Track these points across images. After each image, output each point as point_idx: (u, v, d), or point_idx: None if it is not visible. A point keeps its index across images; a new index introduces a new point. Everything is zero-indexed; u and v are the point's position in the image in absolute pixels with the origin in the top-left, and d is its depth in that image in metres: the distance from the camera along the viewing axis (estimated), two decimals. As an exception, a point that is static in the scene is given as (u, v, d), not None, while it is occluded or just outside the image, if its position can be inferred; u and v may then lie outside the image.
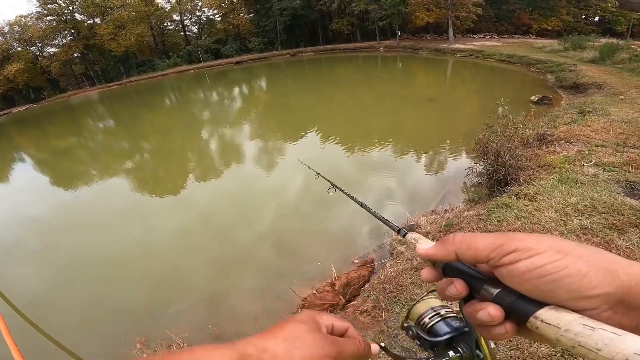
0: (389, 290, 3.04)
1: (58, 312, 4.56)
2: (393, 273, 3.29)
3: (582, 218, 3.20)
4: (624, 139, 5.17)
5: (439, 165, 7.27)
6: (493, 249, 0.33)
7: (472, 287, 0.37)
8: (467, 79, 18.34)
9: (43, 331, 4.13)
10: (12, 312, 4.51)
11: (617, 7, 32.96)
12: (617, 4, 32.95)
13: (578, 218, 3.20)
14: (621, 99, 8.28)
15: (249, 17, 43.22)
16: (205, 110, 18.80)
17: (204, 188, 8.05)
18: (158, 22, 43.77)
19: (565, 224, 3.19)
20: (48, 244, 6.50)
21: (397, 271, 3.29)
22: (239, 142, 11.52)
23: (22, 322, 4.31)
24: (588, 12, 35.04)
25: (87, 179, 10.36)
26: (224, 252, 5.16)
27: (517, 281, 0.32)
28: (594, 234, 2.98)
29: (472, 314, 0.35)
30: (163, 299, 4.35)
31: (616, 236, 2.89)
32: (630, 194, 3.59)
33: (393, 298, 2.93)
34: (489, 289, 0.35)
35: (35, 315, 4.41)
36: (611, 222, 3.06)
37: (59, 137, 18.38)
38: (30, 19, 39.36)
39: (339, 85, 19.29)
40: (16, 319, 4.34)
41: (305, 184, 7.10)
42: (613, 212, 3.20)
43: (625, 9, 32.44)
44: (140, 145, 13.71)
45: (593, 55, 15.20)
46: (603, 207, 3.28)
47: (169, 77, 37.24)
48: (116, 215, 7.15)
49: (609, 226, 3.02)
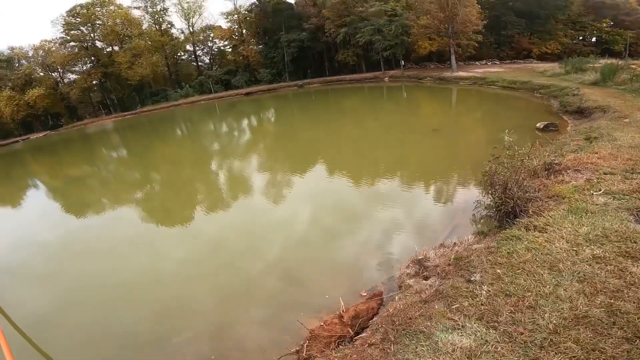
0: (398, 323, 3.00)
1: (60, 334, 4.60)
2: (402, 306, 3.26)
3: (594, 247, 3.16)
4: (632, 165, 5.13)
5: (447, 197, 7.23)
6: None
7: None
8: (471, 107, 18.59)
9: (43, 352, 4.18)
10: (14, 331, 4.58)
11: (611, 27, 33.69)
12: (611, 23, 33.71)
13: (590, 247, 3.17)
14: (626, 122, 8.30)
15: (257, 49, 45.32)
16: (215, 142, 19.34)
17: (212, 218, 8.13)
18: (172, 52, 46.18)
19: (577, 254, 3.14)
20: (56, 269, 6.60)
21: (406, 304, 3.26)
22: (246, 173, 11.72)
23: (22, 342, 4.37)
24: (585, 34, 35.83)
25: (98, 207, 10.59)
26: (231, 282, 5.15)
27: None
28: (607, 262, 2.94)
29: None
30: (168, 327, 4.33)
31: (630, 264, 2.86)
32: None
33: (402, 331, 2.88)
34: None
35: (37, 336, 4.46)
36: (624, 250, 3.03)
37: (73, 165, 18.97)
38: (54, 44, 41.02)
39: (345, 116, 19.74)
40: (17, 337, 4.41)
41: (312, 216, 7.15)
42: (626, 240, 3.17)
43: (620, 27, 33.16)
44: (151, 175, 14.05)
45: (594, 77, 15.33)
46: (615, 236, 3.24)
47: (181, 107, 38.67)
48: (124, 243, 7.27)
49: (622, 254, 3.00)
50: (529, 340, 2.36)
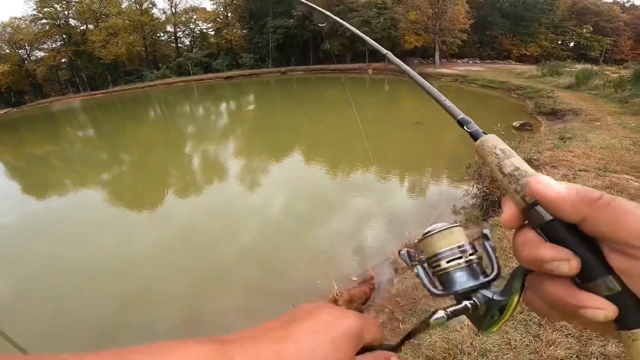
0: (402, 303, 3.09)
1: (25, 323, 4.23)
2: (404, 287, 3.34)
3: None
4: (604, 164, 5.34)
5: (434, 186, 7.30)
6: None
7: (581, 270, 0.27)
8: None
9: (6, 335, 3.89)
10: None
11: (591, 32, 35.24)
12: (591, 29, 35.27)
13: None
14: (597, 125, 8.66)
15: (242, 33, 43.89)
16: (190, 125, 18.58)
17: (186, 203, 7.78)
18: (151, 32, 43.83)
19: None
20: (14, 253, 6.07)
21: (408, 286, 3.34)
22: (224, 158, 11.29)
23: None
24: (565, 38, 37.37)
25: (62, 189, 9.90)
26: (211, 268, 4.91)
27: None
28: None
29: (565, 299, 0.28)
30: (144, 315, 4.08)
31: None
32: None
33: (408, 310, 2.97)
34: (610, 282, 0.26)
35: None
36: None
37: (36, 144, 17.73)
38: (24, 22, 38.93)
39: (327, 105, 19.52)
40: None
41: (292, 204, 6.99)
42: None
43: (600, 33, 34.73)
44: (121, 157, 13.29)
45: (569, 81, 15.96)
46: None
47: (156, 89, 36.91)
48: (90, 227, 6.76)
49: None
50: (527, 319, 2.38)
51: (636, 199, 3.93)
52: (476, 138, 0.39)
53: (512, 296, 0.32)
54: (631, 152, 5.91)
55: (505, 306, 0.32)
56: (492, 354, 2.16)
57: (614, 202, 0.26)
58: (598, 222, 0.26)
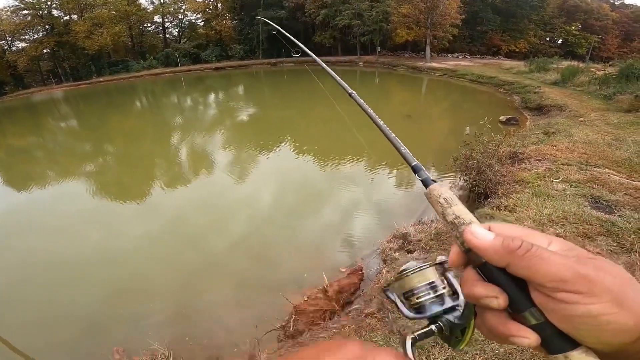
0: None
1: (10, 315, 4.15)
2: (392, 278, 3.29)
3: (556, 227, 3.40)
4: (587, 159, 5.51)
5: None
6: (557, 280, 0.30)
7: (511, 304, 0.33)
8: (441, 97, 19.07)
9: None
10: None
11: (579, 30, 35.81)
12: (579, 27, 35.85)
13: (553, 227, 3.41)
14: (581, 120, 8.88)
15: (232, 24, 43.00)
16: (177, 116, 18.22)
17: (174, 195, 7.71)
18: (138, 22, 42.44)
19: (542, 232, 3.30)
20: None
21: None
22: (212, 149, 11.14)
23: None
24: (553, 35, 37.92)
25: (45, 180, 9.64)
26: (199, 261, 4.88)
27: (560, 318, 0.30)
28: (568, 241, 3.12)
29: (498, 328, 0.33)
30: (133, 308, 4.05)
31: (587, 243, 3.12)
32: (595, 206, 3.85)
33: None
34: (533, 316, 0.32)
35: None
36: (582, 231, 3.30)
37: (16, 135, 17.12)
38: (5, 13, 37.06)
39: (317, 97, 19.38)
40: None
41: (281, 196, 6.98)
42: (582, 222, 3.43)
43: (588, 31, 35.32)
44: (105, 148, 12.96)
45: (555, 78, 16.28)
46: (573, 218, 3.49)
47: (143, 79, 35.96)
48: (75, 218, 6.62)
49: (580, 234, 3.26)
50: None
51: (616, 192, 4.08)
52: (427, 185, 0.44)
53: (469, 321, 0.37)
54: (613, 148, 6.09)
55: (465, 329, 0.38)
56: (479, 343, 2.22)
57: (530, 251, 0.32)
58: (518, 268, 0.32)
